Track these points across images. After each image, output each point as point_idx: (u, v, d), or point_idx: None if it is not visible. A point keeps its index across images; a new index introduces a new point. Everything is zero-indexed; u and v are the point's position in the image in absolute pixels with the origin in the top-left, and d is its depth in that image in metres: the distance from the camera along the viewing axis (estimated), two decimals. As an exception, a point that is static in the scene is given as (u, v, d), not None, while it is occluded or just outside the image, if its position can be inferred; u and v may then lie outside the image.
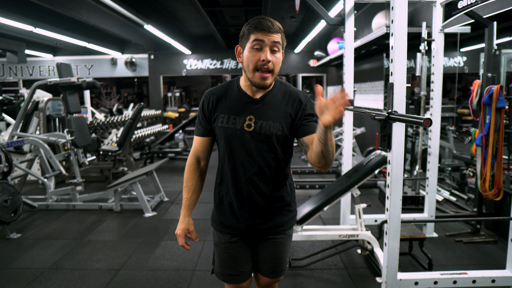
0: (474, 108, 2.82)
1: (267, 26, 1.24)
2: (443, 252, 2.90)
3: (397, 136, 1.88)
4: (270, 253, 1.45)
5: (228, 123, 1.32)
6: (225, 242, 1.42)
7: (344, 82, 3.00)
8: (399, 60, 1.84)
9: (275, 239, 1.42)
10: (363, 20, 5.92)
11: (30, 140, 4.13)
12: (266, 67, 1.25)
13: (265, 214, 1.38)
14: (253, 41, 1.24)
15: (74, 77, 4.19)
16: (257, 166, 1.33)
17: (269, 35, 1.24)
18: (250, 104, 1.32)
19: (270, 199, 1.38)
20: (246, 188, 1.35)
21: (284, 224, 1.43)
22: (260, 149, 1.32)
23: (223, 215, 1.42)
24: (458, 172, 4.48)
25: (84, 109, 6.72)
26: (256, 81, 1.27)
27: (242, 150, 1.32)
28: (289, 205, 1.44)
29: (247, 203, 1.36)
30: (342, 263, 2.74)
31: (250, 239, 1.44)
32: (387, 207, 1.99)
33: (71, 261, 2.83)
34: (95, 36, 8.25)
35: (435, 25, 2.92)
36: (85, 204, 4.12)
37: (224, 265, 1.45)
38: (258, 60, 1.24)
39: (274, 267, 1.47)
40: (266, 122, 1.30)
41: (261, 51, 1.24)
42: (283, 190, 1.41)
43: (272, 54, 1.25)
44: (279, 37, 1.27)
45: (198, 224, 3.61)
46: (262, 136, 1.31)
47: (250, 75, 1.28)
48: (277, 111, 1.32)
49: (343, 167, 3.13)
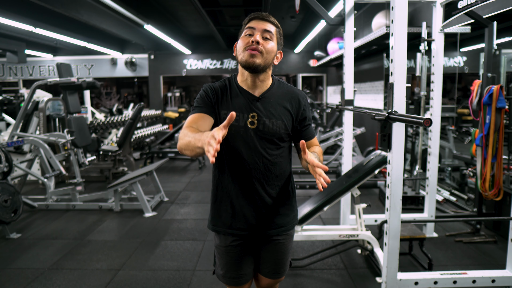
0: (474, 108, 2.82)
1: (261, 15, 1.29)
2: (443, 252, 2.90)
3: (397, 136, 1.88)
4: (273, 254, 1.44)
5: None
6: (226, 245, 1.40)
7: (344, 82, 3.00)
8: (399, 60, 1.84)
9: (278, 240, 1.41)
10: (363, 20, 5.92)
11: (30, 140, 4.13)
12: (255, 46, 1.25)
13: (270, 214, 1.37)
14: (245, 29, 1.28)
15: (74, 77, 4.19)
16: (262, 164, 1.32)
17: (261, 22, 1.27)
18: (251, 101, 1.31)
19: (275, 198, 1.36)
20: (251, 187, 1.33)
21: (287, 224, 1.42)
22: (264, 147, 1.31)
23: (224, 217, 1.38)
24: (458, 172, 4.48)
25: (84, 109, 6.72)
26: (244, 59, 1.26)
27: (246, 148, 1.30)
28: (291, 205, 1.44)
29: (252, 203, 1.34)
30: (342, 263, 2.74)
31: (252, 241, 1.42)
32: (387, 207, 1.99)
33: (71, 261, 2.83)
34: (95, 36, 8.25)
35: (435, 25, 2.92)
36: (85, 204, 4.12)
37: (226, 267, 1.43)
38: (248, 42, 1.26)
39: (276, 268, 1.46)
40: (269, 120, 1.31)
41: (251, 37, 1.27)
42: (287, 189, 1.40)
43: (263, 40, 1.27)
44: (272, 28, 1.29)
45: (198, 224, 3.61)
46: (265, 134, 1.30)
47: (240, 56, 1.28)
48: (278, 109, 1.33)
49: (343, 167, 3.13)
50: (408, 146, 4.54)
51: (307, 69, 10.10)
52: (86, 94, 7.27)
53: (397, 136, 1.88)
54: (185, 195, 4.72)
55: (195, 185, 5.22)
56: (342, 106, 2.97)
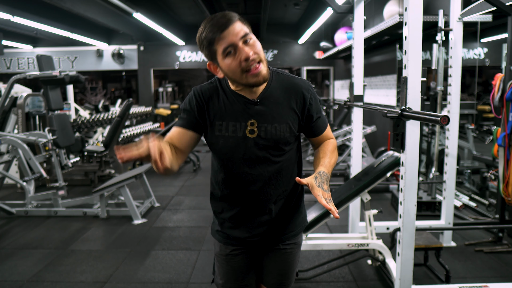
0: (496, 105, 2.82)
1: (223, 22, 1.15)
2: (462, 263, 2.90)
3: (411, 136, 1.88)
4: (278, 265, 1.43)
5: (227, 131, 1.26)
6: (227, 254, 1.40)
7: (353, 76, 3.00)
8: (414, 51, 1.84)
9: (284, 249, 1.41)
10: (374, 7, 5.93)
11: (7, 139, 4.13)
12: (253, 61, 1.17)
13: (277, 221, 1.36)
14: (224, 51, 1.17)
15: (56, 70, 4.19)
16: (266, 174, 1.29)
17: (231, 30, 1.15)
18: (248, 106, 1.26)
19: (281, 204, 1.35)
20: (255, 198, 1.31)
21: (296, 228, 1.41)
22: (267, 156, 1.28)
23: (227, 228, 1.38)
24: (478, 175, 4.48)
25: (67, 106, 6.73)
26: (252, 81, 1.20)
27: (247, 160, 1.27)
28: (299, 206, 1.43)
29: (258, 214, 1.33)
30: (350, 275, 2.74)
31: (255, 251, 1.42)
32: (400, 213, 1.99)
33: (52, 273, 2.83)
34: (79, 25, 8.26)
35: (453, 13, 2.93)
36: (68, 210, 4.12)
37: (226, 277, 1.43)
38: (240, 62, 1.17)
39: (281, 279, 1.46)
40: (271, 125, 1.26)
41: (236, 53, 1.17)
42: (295, 192, 1.39)
43: (250, 47, 1.18)
44: (243, 26, 1.18)
45: (192, 232, 3.61)
46: (269, 142, 1.26)
47: (243, 80, 1.20)
48: (281, 109, 1.28)
49: (352, 170, 3.13)
50: (424, 147, 4.54)
51: (312, 62, 10.11)
52: (69, 89, 7.28)
53: (411, 136, 1.88)
54: (178, 200, 4.72)
55: (189, 189, 5.22)
56: (351, 103, 2.97)
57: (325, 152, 1.33)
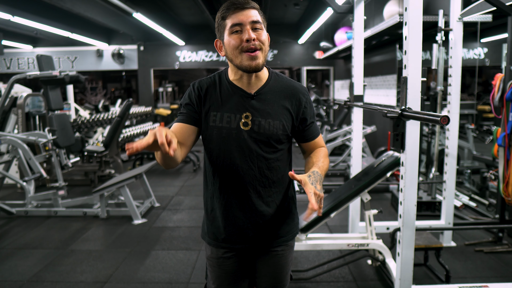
0: (496, 105, 2.82)
1: (240, 4, 1.23)
2: (462, 263, 2.91)
3: (411, 135, 1.88)
4: (271, 268, 1.43)
5: (222, 121, 1.28)
6: (218, 257, 1.39)
7: (353, 76, 3.00)
8: (414, 51, 1.84)
9: (276, 251, 1.40)
10: (374, 7, 5.93)
11: (7, 139, 4.13)
12: (253, 45, 1.22)
13: (268, 224, 1.36)
14: (231, 27, 1.23)
15: (56, 70, 4.19)
16: (257, 169, 1.30)
17: (245, 12, 1.22)
18: (245, 100, 1.29)
19: (272, 207, 1.35)
20: (245, 195, 1.32)
21: (286, 234, 1.41)
22: (259, 150, 1.29)
23: (217, 228, 1.38)
24: (478, 175, 4.48)
25: (67, 106, 6.73)
26: (245, 64, 1.23)
27: (239, 152, 1.29)
28: (291, 213, 1.43)
29: (247, 213, 1.33)
30: (350, 275, 2.74)
31: (247, 253, 1.41)
32: (400, 213, 1.99)
33: (52, 273, 2.83)
34: (79, 25, 8.26)
35: (453, 13, 2.93)
36: (68, 210, 4.12)
37: (218, 281, 1.42)
38: (241, 41, 1.22)
39: (274, 282, 1.45)
40: (265, 120, 1.28)
41: (241, 33, 1.22)
42: (286, 196, 1.40)
43: (255, 33, 1.23)
44: (258, 15, 1.25)
45: (192, 232, 3.61)
46: (261, 136, 1.28)
47: (238, 60, 1.24)
48: (276, 107, 1.31)
49: (352, 170, 3.13)
50: (424, 146, 4.54)
51: (312, 62, 10.11)
52: (69, 89, 7.28)
53: (411, 136, 1.89)
54: (178, 200, 4.72)
55: (189, 189, 5.23)
56: (351, 103, 2.97)
57: (318, 157, 1.35)
